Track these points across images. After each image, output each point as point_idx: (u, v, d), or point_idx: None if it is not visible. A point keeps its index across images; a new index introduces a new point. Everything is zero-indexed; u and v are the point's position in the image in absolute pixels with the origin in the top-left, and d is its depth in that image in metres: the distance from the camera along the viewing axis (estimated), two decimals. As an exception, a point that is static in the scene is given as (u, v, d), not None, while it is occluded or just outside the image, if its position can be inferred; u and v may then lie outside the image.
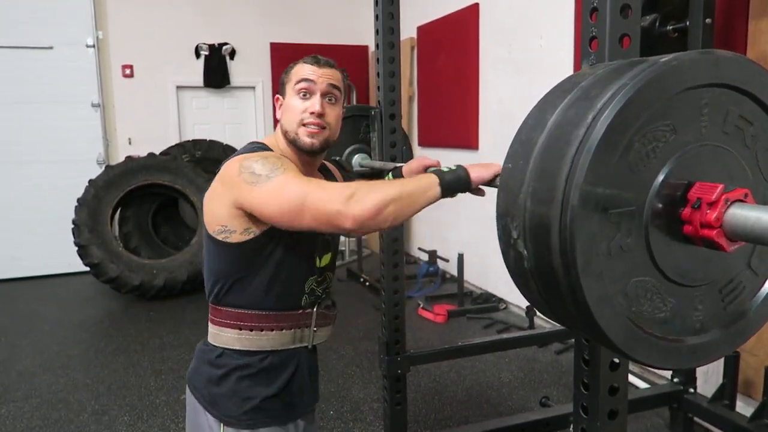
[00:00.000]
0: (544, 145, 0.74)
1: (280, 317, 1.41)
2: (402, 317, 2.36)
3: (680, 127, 0.72)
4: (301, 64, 1.41)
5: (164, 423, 2.97)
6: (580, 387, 1.07)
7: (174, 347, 3.97)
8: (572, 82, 0.80)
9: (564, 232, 0.68)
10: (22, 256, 5.83)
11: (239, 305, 1.39)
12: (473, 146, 4.87)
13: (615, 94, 0.68)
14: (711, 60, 0.71)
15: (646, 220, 0.71)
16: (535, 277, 0.76)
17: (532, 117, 0.81)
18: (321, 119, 1.36)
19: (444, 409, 3.06)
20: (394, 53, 2.18)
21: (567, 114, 0.73)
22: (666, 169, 0.71)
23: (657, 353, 0.74)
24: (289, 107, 1.39)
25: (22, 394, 3.32)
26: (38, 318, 4.68)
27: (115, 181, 5.18)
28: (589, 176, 0.66)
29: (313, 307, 1.46)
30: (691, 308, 0.77)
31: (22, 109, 5.76)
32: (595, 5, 0.95)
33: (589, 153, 0.66)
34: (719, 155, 0.74)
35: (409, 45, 5.88)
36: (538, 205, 0.73)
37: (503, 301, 4.65)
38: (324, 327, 1.50)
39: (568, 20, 3.69)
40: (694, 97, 0.71)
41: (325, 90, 1.38)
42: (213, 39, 6.39)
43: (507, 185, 0.79)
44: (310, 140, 1.36)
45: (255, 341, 1.40)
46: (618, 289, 0.71)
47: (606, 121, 0.66)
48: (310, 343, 1.47)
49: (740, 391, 2.52)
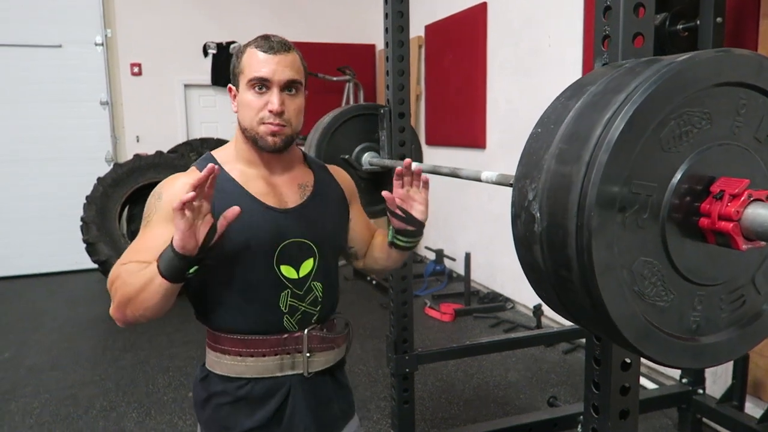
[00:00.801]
0: (580, 110, 0.73)
1: (259, 342, 1.27)
2: (410, 316, 2.36)
3: (716, 119, 0.72)
4: (252, 51, 1.23)
5: (172, 420, 2.98)
6: (591, 386, 1.07)
7: (181, 344, 3.99)
8: (613, 66, 0.80)
9: (585, 192, 0.67)
10: (30, 253, 5.87)
11: (215, 327, 1.30)
12: (480, 145, 4.86)
13: (660, 70, 0.68)
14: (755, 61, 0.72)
15: (665, 203, 0.70)
16: (543, 240, 0.75)
17: (569, 89, 0.80)
18: (281, 118, 1.22)
19: (451, 408, 3.06)
20: (403, 51, 2.18)
21: (608, 84, 0.73)
22: (694, 157, 0.71)
23: (656, 344, 0.73)
24: (244, 103, 1.23)
25: (31, 390, 3.34)
26: (47, 315, 4.71)
27: (123, 178, 5.20)
28: (619, 141, 0.66)
29: (303, 329, 1.29)
30: (690, 307, 0.76)
31: (31, 107, 5.80)
32: (609, 4, 0.95)
33: (626, 117, 0.66)
34: (746, 158, 0.74)
35: (417, 44, 5.87)
36: (563, 165, 0.72)
37: (510, 301, 4.64)
38: (323, 351, 1.33)
39: (577, 20, 3.68)
40: (734, 95, 0.71)
41: (283, 84, 1.22)
42: (221, 37, 6.40)
43: (533, 149, 0.78)
44: (272, 139, 1.23)
45: (232, 367, 1.28)
46: (625, 262, 0.70)
47: (648, 90, 0.66)
48: (305, 371, 1.30)
49: (749, 392, 2.51)
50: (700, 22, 2.22)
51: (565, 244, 0.71)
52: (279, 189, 1.30)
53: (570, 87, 0.82)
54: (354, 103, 6.30)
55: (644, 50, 0.95)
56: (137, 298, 1.13)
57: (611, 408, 1.03)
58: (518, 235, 0.80)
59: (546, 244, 0.75)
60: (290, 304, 1.27)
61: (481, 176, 1.40)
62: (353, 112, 2.28)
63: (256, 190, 1.27)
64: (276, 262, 1.25)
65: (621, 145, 0.66)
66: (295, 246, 1.27)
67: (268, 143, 1.23)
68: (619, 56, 0.95)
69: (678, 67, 0.67)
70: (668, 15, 2.37)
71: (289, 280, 1.27)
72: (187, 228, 1.04)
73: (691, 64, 0.67)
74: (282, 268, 1.26)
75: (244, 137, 1.27)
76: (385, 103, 2.22)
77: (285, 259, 1.26)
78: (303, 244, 1.28)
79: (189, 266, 1.08)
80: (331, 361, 1.35)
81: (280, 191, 1.30)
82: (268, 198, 1.27)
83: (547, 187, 0.73)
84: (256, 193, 1.26)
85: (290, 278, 1.27)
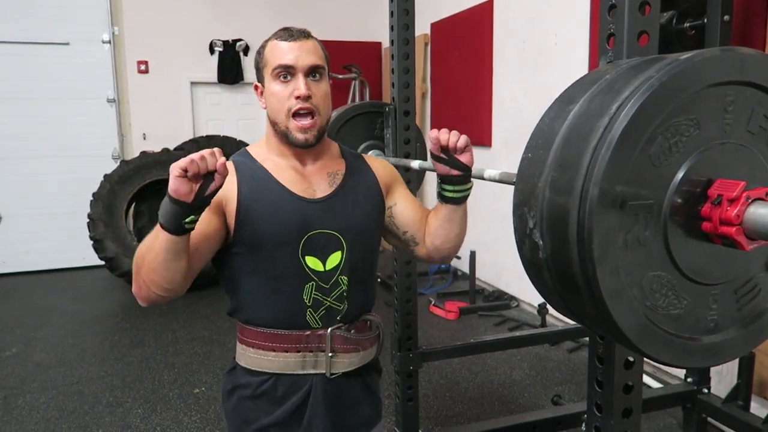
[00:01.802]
0: (566, 136, 0.73)
1: (283, 337, 1.25)
2: (414, 314, 2.36)
3: (704, 122, 0.71)
4: (273, 43, 1.24)
5: (177, 416, 2.99)
6: (594, 385, 1.07)
7: (187, 341, 4.01)
8: (594, 76, 0.80)
9: (582, 223, 0.67)
10: (37, 249, 5.91)
11: (243, 319, 1.29)
12: (486, 143, 4.86)
13: (639, 87, 0.67)
14: (735, 57, 0.71)
15: (665, 214, 0.70)
16: (550, 268, 0.76)
17: (553, 109, 0.80)
18: (309, 102, 1.21)
19: (455, 406, 3.06)
20: (409, 49, 2.18)
21: (590, 105, 0.73)
22: (687, 165, 0.70)
23: (671, 350, 0.74)
24: (270, 94, 1.23)
25: (39, 386, 3.36)
26: (53, 311, 4.74)
27: (130, 176, 5.23)
28: (609, 167, 0.66)
29: (327, 326, 1.26)
30: (705, 307, 0.76)
31: (38, 105, 5.83)
32: (614, 2, 0.95)
33: (611, 143, 0.66)
34: (742, 154, 0.74)
35: (423, 42, 5.87)
36: (557, 195, 0.72)
37: (515, 299, 4.64)
38: (347, 353, 1.28)
39: (583, 18, 3.66)
40: (719, 94, 0.71)
41: (307, 69, 1.22)
42: (227, 35, 6.42)
43: (525, 175, 0.79)
44: (303, 136, 1.22)
45: (256, 360, 1.27)
46: (633, 282, 0.70)
47: (630, 112, 0.66)
48: (327, 371, 1.27)
49: (755, 391, 2.50)
50: (707, 20, 2.21)
51: (572, 273, 0.71)
52: (309, 179, 1.29)
53: (553, 105, 0.81)
54: (360, 100, 6.31)
55: (649, 48, 0.95)
56: (145, 261, 1.10)
57: (614, 406, 1.03)
58: (526, 260, 0.81)
59: (554, 271, 0.75)
60: (314, 297, 1.25)
61: (484, 174, 1.40)
62: (358, 110, 2.29)
63: (285, 179, 1.26)
64: (301, 252, 1.23)
65: (611, 171, 0.66)
66: (321, 237, 1.24)
67: (299, 140, 1.22)
68: (624, 54, 0.95)
69: (657, 83, 0.66)
70: (675, 13, 2.36)
71: (315, 273, 1.24)
72: (181, 176, 1.01)
73: (671, 76, 0.66)
74: (307, 259, 1.23)
75: (274, 131, 1.26)
76: (390, 101, 2.22)
77: (311, 250, 1.23)
78: (330, 235, 1.25)
79: (185, 214, 1.03)
80: (355, 364, 1.30)
81: (309, 181, 1.28)
82: (297, 187, 1.26)
83: (546, 216, 0.74)
84: (285, 181, 1.25)
85: (316, 270, 1.24)
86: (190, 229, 1.07)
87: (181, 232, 1.06)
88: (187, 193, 1.02)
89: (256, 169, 1.26)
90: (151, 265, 1.10)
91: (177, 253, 1.08)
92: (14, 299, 5.13)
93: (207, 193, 1.04)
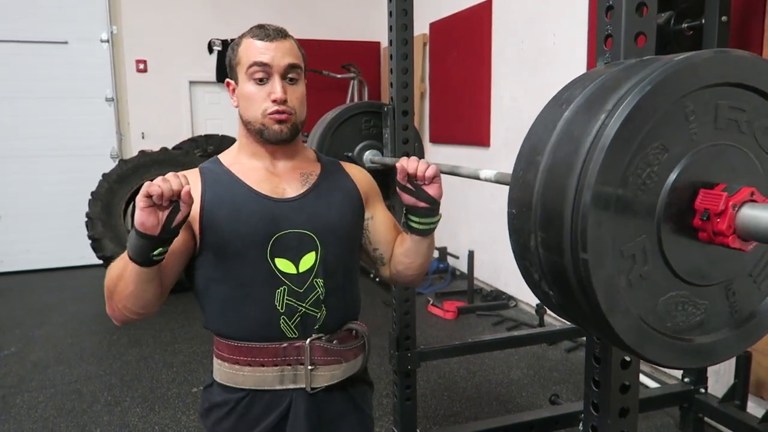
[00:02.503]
0: (543, 195, 0.74)
1: (258, 350, 1.18)
2: (412, 313, 2.37)
3: (671, 143, 0.71)
4: (248, 41, 1.18)
5: (175, 415, 3.00)
6: (591, 384, 1.07)
7: (185, 340, 4.01)
8: (583, 80, 0.80)
9: (583, 285, 0.69)
10: (36, 249, 5.91)
11: (215, 331, 1.23)
12: (485, 143, 4.86)
13: (632, 89, 0.68)
14: (726, 59, 0.71)
15: (658, 218, 0.70)
16: (544, 270, 0.77)
17: (545, 111, 0.80)
18: (285, 105, 1.17)
19: (453, 405, 3.07)
20: (407, 50, 2.18)
21: (556, 155, 0.73)
22: (668, 188, 0.71)
23: (664, 351, 0.74)
24: (245, 96, 1.19)
25: (37, 385, 3.36)
26: (52, 310, 4.74)
27: (129, 175, 5.22)
28: (592, 234, 0.67)
29: (305, 337, 1.19)
30: (699, 307, 0.77)
31: (36, 104, 5.82)
32: (611, 3, 0.95)
33: (604, 146, 0.66)
34: (719, 153, 0.73)
35: (422, 41, 5.87)
36: (549, 252, 0.74)
37: (513, 299, 4.64)
38: (328, 365, 1.21)
39: (582, 18, 3.67)
40: (711, 96, 0.71)
41: (283, 70, 1.17)
42: (226, 34, 6.40)
43: (515, 228, 0.79)
44: (279, 127, 1.17)
45: (232, 376, 1.20)
46: (648, 310, 0.72)
47: (596, 167, 0.66)
48: (308, 385, 1.20)
49: (751, 391, 2.51)
50: (705, 20, 2.21)
51: (566, 277, 0.72)
52: (279, 179, 1.24)
53: (546, 108, 0.80)
54: (359, 100, 6.31)
55: (646, 50, 0.95)
56: (117, 288, 1.11)
57: (611, 406, 1.03)
58: (520, 262, 0.82)
59: (548, 273, 0.76)
60: (287, 303, 1.17)
61: (480, 174, 1.40)
62: (356, 110, 2.29)
63: (252, 180, 1.22)
64: (270, 254, 1.16)
65: (595, 238, 0.67)
66: (293, 237, 1.18)
67: (275, 132, 1.18)
68: (621, 55, 0.95)
69: (619, 122, 0.66)
70: (673, 14, 2.36)
71: (286, 276, 1.17)
72: (147, 206, 0.99)
73: (629, 118, 0.66)
74: (277, 261, 1.17)
75: (247, 130, 1.22)
76: (389, 101, 2.23)
77: (281, 252, 1.17)
78: (303, 235, 1.19)
79: (153, 247, 1.02)
80: (338, 377, 1.22)
81: (279, 181, 1.24)
82: (265, 186, 1.21)
83: (547, 271, 0.75)
84: (252, 182, 1.21)
85: (287, 273, 1.18)
86: (159, 260, 1.06)
87: (150, 264, 1.06)
88: (154, 226, 1.01)
89: (222, 173, 1.23)
90: (122, 293, 1.11)
91: (148, 282, 1.09)
92: (13, 298, 5.13)
93: (174, 225, 1.02)
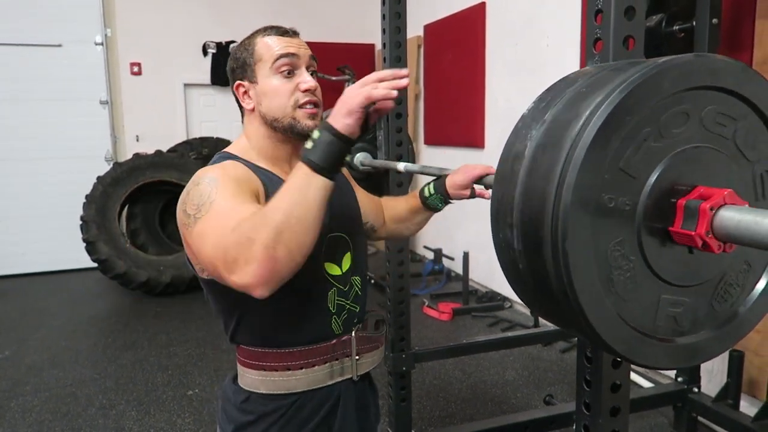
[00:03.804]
0: (540, 141, 0.74)
1: (309, 352, 1.19)
2: (407, 315, 2.37)
3: (674, 127, 0.72)
4: (267, 38, 1.17)
5: (170, 418, 2.99)
6: (582, 384, 1.08)
7: (181, 343, 4.00)
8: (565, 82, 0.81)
9: (555, 229, 0.68)
10: (30, 251, 5.89)
11: (256, 344, 1.19)
12: (479, 145, 4.88)
13: (612, 92, 0.68)
14: (706, 63, 0.72)
15: (638, 220, 0.71)
16: (526, 278, 0.78)
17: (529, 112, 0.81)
18: (315, 95, 1.17)
19: (448, 406, 3.08)
20: (400, 53, 2.19)
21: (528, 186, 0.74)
22: (659, 170, 0.71)
23: (646, 352, 0.75)
24: (272, 91, 1.15)
25: (32, 388, 3.36)
26: (46, 313, 4.73)
27: (123, 178, 5.22)
28: (582, 172, 0.66)
29: (349, 331, 1.23)
30: (680, 308, 0.77)
31: (31, 107, 5.81)
32: (600, 7, 0.96)
33: (584, 147, 0.67)
34: (701, 155, 0.74)
35: (416, 43, 5.88)
36: (532, 257, 0.74)
37: (508, 300, 4.66)
38: (369, 353, 1.27)
39: (575, 21, 3.69)
40: (691, 99, 0.72)
41: (308, 62, 1.18)
42: (220, 37, 6.41)
43: (501, 182, 0.79)
44: (312, 122, 1.15)
45: (281, 383, 1.18)
46: (629, 312, 0.73)
47: (603, 115, 0.66)
48: (354, 375, 1.24)
49: (744, 390, 2.53)
50: (696, 23, 2.23)
51: (548, 281, 0.72)
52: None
53: (503, 156, 0.80)
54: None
55: (635, 52, 0.97)
56: (290, 221, 0.89)
57: (602, 405, 1.04)
58: (505, 267, 0.83)
59: (530, 277, 0.77)
60: (338, 303, 1.21)
61: None
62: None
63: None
64: (321, 259, 1.18)
65: (575, 240, 0.67)
66: (333, 240, 1.20)
67: (309, 126, 1.14)
68: (610, 58, 0.96)
69: (599, 123, 0.66)
70: (665, 16, 2.38)
71: (334, 277, 1.20)
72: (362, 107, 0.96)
73: (609, 120, 0.66)
74: (326, 265, 1.19)
75: (272, 129, 1.17)
76: (382, 103, 2.23)
77: (328, 255, 1.19)
78: (339, 237, 1.22)
79: (348, 150, 0.97)
80: (376, 362, 1.30)
81: None
82: None
83: (530, 275, 0.76)
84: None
85: (334, 275, 1.21)
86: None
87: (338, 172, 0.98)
88: (357, 129, 0.97)
89: (263, 172, 1.16)
90: (304, 224, 0.91)
91: (327, 200, 0.96)
92: (7, 301, 5.11)
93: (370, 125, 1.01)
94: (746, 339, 2.53)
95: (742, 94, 0.74)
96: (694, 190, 0.72)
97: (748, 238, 0.63)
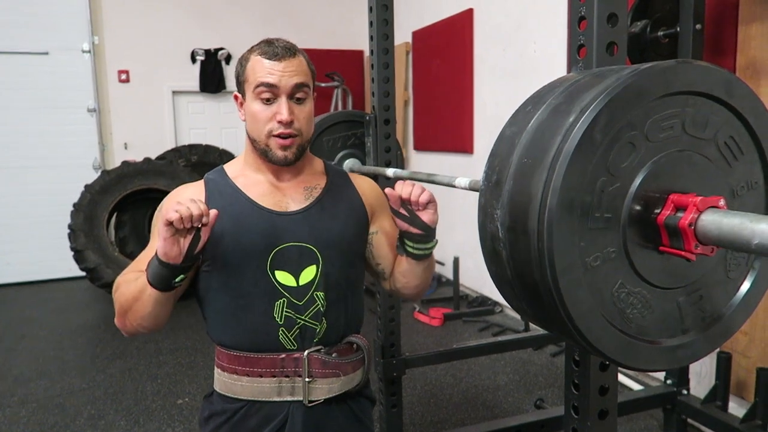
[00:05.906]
0: (525, 145, 0.75)
1: (254, 360, 1.19)
2: (397, 320, 2.38)
3: (655, 132, 0.73)
4: (256, 59, 1.17)
5: (160, 427, 2.97)
6: (570, 387, 1.09)
7: (170, 352, 3.97)
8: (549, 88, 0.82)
9: (542, 235, 0.69)
10: (17, 260, 5.83)
11: (216, 340, 1.25)
12: (468, 150, 4.90)
13: (596, 97, 0.69)
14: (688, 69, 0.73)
15: (623, 224, 0.72)
16: (513, 282, 0.79)
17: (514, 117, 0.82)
18: (291, 127, 1.17)
19: (439, 411, 3.07)
20: (388, 59, 2.20)
21: (549, 115, 0.75)
22: (642, 175, 0.72)
23: (632, 354, 0.76)
24: (251, 114, 1.18)
25: (18, 399, 3.32)
26: (34, 323, 4.67)
27: (111, 185, 5.18)
28: (567, 177, 0.67)
29: (304, 348, 1.19)
30: (665, 310, 0.78)
31: (18, 115, 5.76)
32: (583, 14, 0.97)
33: (568, 153, 0.67)
34: (684, 160, 0.75)
35: (405, 50, 5.91)
36: (519, 261, 0.75)
37: (499, 305, 4.67)
38: (326, 378, 1.20)
39: (562, 27, 3.72)
40: (674, 104, 0.73)
41: (290, 91, 1.17)
42: (209, 44, 6.41)
43: (486, 186, 0.80)
44: (283, 153, 1.18)
45: (230, 386, 1.21)
46: (615, 313, 0.74)
47: (586, 122, 0.67)
48: (305, 398, 1.19)
49: (733, 392, 2.55)
50: (680, 28, 2.26)
51: (535, 284, 0.73)
52: (282, 193, 1.25)
53: (490, 161, 0.82)
54: (342, 108, 6.32)
55: (618, 59, 0.98)
56: (132, 308, 1.13)
57: (590, 408, 1.05)
58: (492, 272, 0.85)
59: (517, 281, 0.79)
60: (286, 315, 1.18)
61: (455, 182, 1.41)
62: (336, 119, 2.30)
63: (255, 193, 1.22)
64: (270, 266, 1.17)
65: (560, 243, 0.68)
66: (294, 250, 1.18)
67: (279, 157, 1.18)
68: (593, 64, 0.97)
69: (584, 128, 0.67)
70: (649, 22, 2.41)
71: (286, 288, 1.18)
72: (170, 236, 1.03)
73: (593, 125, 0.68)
74: (277, 274, 1.18)
75: (253, 147, 1.22)
76: (371, 110, 2.24)
77: (281, 265, 1.18)
78: (304, 248, 1.19)
79: (174, 275, 1.07)
80: (335, 390, 1.22)
81: (282, 195, 1.24)
82: (268, 200, 1.22)
83: (517, 279, 0.77)
84: (255, 195, 1.22)
85: (287, 286, 1.18)
86: (178, 285, 1.10)
87: (171, 289, 1.11)
88: (177, 255, 1.05)
89: (226, 185, 1.24)
90: (138, 314, 1.13)
91: (165, 303, 1.13)
92: (-7, 312, 5.05)
93: (196, 252, 1.07)
94: (734, 341, 2.56)
95: (723, 99, 0.75)
96: (678, 193, 0.72)
97: (726, 241, 0.65)
